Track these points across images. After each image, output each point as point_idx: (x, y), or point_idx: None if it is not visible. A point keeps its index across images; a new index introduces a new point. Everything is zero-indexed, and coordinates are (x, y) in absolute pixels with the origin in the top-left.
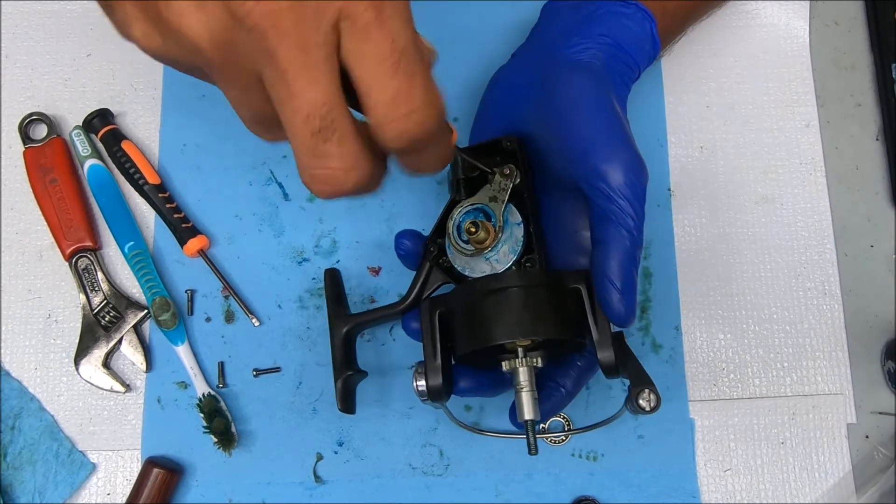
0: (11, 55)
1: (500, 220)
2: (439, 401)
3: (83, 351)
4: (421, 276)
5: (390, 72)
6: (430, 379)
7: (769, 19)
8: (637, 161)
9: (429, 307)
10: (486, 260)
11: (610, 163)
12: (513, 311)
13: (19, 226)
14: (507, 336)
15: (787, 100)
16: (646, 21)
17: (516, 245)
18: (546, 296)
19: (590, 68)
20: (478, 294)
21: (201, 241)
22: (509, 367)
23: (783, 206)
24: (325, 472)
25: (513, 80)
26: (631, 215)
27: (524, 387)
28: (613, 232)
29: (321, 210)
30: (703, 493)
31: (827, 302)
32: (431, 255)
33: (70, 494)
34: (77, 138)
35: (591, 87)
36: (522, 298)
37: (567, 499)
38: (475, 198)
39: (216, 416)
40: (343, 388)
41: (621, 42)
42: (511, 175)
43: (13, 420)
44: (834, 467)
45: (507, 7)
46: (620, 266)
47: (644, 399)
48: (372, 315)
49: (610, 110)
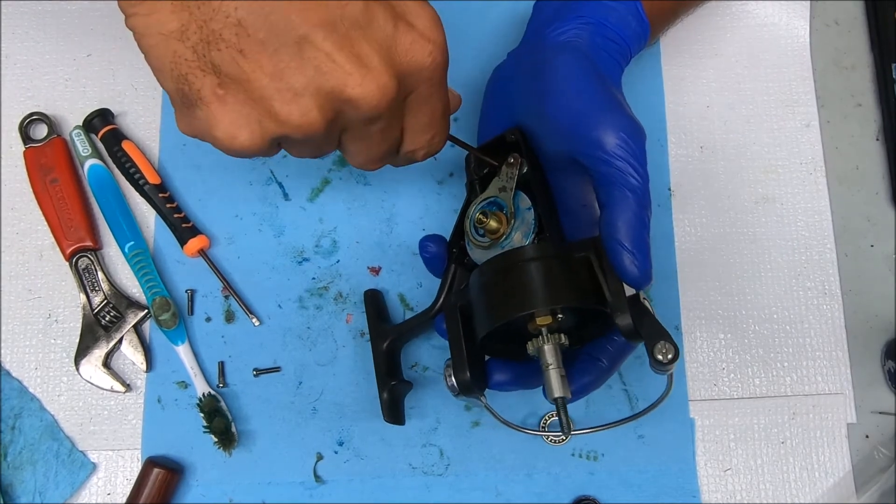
0: (11, 55)
1: (510, 208)
2: (471, 395)
3: (83, 351)
4: (448, 279)
5: (434, 122)
6: (457, 373)
7: (769, 19)
8: (630, 123)
9: (451, 302)
10: (501, 248)
11: (601, 128)
12: (526, 284)
13: (19, 226)
14: (521, 308)
15: (787, 100)
16: (635, 1)
17: (528, 229)
18: (558, 266)
19: (573, 47)
20: (488, 275)
21: (201, 240)
22: (534, 347)
23: (783, 206)
24: (325, 472)
25: (507, 76)
26: (632, 174)
27: (551, 364)
28: (617, 194)
29: (321, 210)
30: (703, 492)
31: (827, 302)
32: (455, 257)
33: (70, 494)
34: (77, 138)
35: (574, 63)
36: (533, 270)
37: (567, 499)
38: (486, 192)
39: (216, 416)
40: (389, 399)
41: (604, 21)
42: (516, 163)
43: (13, 420)
44: (834, 467)
45: (507, 7)
46: (628, 226)
47: (659, 352)
48: (408, 325)
49: (595, 81)
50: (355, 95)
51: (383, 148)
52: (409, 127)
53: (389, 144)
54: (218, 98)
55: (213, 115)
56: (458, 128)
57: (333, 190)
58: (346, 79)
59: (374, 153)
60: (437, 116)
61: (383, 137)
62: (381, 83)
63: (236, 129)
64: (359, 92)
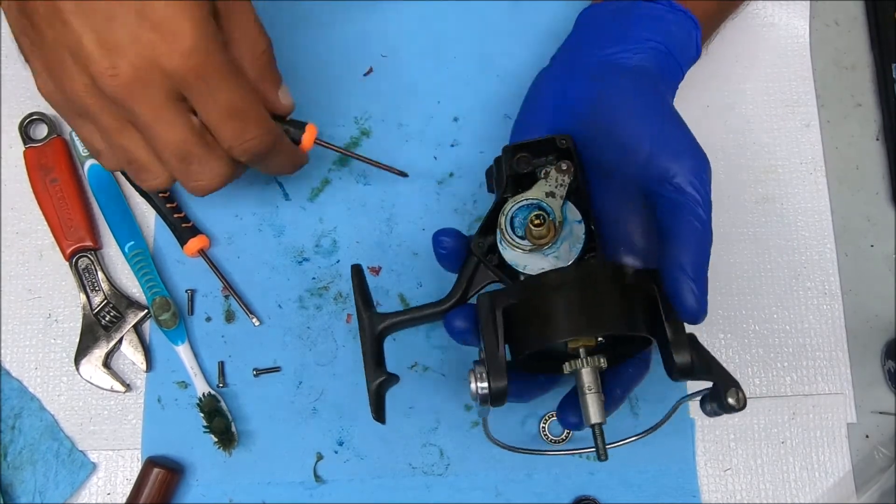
0: (11, 55)
1: (559, 216)
2: (500, 404)
3: (83, 351)
4: (467, 274)
5: (225, 119)
6: (494, 381)
7: (769, 19)
8: (703, 155)
9: (490, 302)
10: (544, 256)
11: (679, 157)
12: (584, 306)
13: (19, 226)
14: (580, 332)
15: (787, 100)
16: (692, 28)
17: (577, 242)
18: (616, 292)
19: (644, 72)
20: (545, 289)
21: (201, 240)
22: (572, 368)
23: (783, 206)
24: (325, 472)
25: (557, 83)
26: (702, 205)
27: (592, 388)
28: (686, 224)
29: (321, 210)
30: (703, 492)
31: (827, 302)
32: (480, 251)
33: (70, 494)
34: (77, 138)
35: (648, 87)
36: (592, 293)
37: (567, 499)
38: (530, 192)
39: (216, 416)
40: (377, 393)
41: (669, 47)
42: (569, 171)
43: (13, 420)
44: (834, 467)
45: (508, 7)
46: (695, 258)
47: (733, 396)
48: (410, 314)
49: (670, 110)
50: (97, 73)
51: (171, 136)
52: (206, 120)
53: (168, 135)
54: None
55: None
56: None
57: (333, 190)
58: (92, 63)
59: (167, 140)
60: (225, 112)
61: (155, 125)
62: (120, 70)
63: (42, 82)
64: (98, 70)
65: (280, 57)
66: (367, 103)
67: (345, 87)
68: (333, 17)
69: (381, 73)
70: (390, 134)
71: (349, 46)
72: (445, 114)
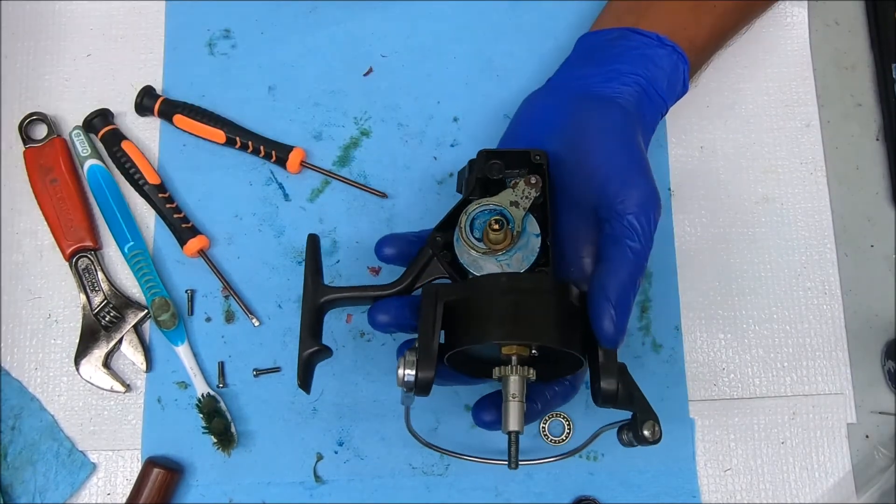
0: (11, 55)
1: (518, 226)
2: (424, 394)
3: (83, 351)
4: (419, 264)
5: None
6: (422, 370)
7: (769, 19)
8: (653, 193)
9: (435, 293)
10: (496, 262)
11: (628, 189)
12: (523, 314)
13: (19, 226)
14: (513, 337)
15: (787, 100)
16: (680, 63)
17: (531, 254)
18: (557, 308)
19: (620, 105)
20: (490, 289)
21: (201, 241)
22: (501, 374)
23: (783, 206)
24: (325, 472)
25: (544, 105)
26: (639, 239)
27: (516, 397)
28: (619, 252)
29: (321, 210)
30: (703, 493)
31: (827, 302)
32: (436, 245)
33: (70, 494)
34: (77, 138)
35: (619, 122)
36: (534, 303)
37: (567, 499)
38: (496, 198)
39: (215, 417)
40: (306, 363)
41: (653, 83)
42: (536, 185)
43: (13, 420)
44: (834, 467)
45: (508, 7)
46: (620, 284)
47: (649, 429)
48: (355, 292)
49: (634, 144)
50: None
51: None
52: None
53: None
54: None
55: None
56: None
57: (333, 190)
58: None
59: None
60: None
61: None
62: None
63: None
64: None
65: (280, 57)
66: (367, 103)
67: (345, 87)
68: (333, 17)
69: (381, 73)
70: (390, 134)
71: (349, 46)
72: (445, 114)
